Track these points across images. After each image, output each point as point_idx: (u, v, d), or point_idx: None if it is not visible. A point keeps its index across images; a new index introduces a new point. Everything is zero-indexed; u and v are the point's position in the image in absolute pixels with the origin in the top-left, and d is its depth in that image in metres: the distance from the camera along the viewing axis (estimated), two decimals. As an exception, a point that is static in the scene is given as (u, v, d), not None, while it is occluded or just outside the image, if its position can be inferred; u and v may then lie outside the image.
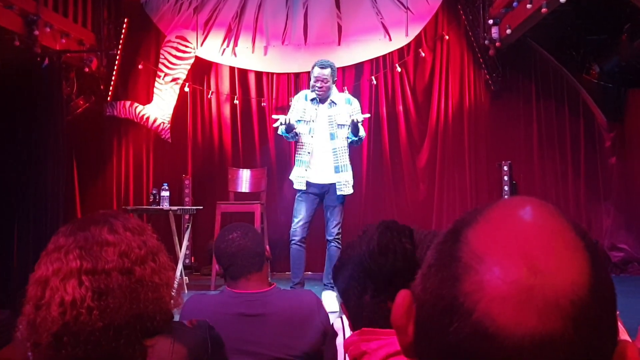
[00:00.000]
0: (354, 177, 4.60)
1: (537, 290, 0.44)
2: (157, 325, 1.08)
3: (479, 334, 0.44)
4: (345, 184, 4.48)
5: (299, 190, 4.52)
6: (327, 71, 4.46)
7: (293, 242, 4.48)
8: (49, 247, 1.06)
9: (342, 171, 4.48)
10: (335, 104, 4.54)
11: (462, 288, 0.46)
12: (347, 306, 1.16)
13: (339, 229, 4.50)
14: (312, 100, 4.53)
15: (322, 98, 4.51)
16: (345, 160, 4.51)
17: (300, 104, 4.58)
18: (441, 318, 0.47)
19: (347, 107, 4.55)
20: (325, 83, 4.46)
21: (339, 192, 4.46)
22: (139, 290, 1.04)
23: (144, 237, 1.10)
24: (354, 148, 4.77)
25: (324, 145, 4.50)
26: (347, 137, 4.50)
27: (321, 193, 4.51)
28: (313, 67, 4.51)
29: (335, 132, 4.50)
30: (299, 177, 4.50)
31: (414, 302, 0.51)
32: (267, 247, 2.09)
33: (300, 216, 4.47)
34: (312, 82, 4.49)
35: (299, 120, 4.51)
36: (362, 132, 4.47)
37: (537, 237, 0.47)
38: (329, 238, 4.51)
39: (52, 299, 1.00)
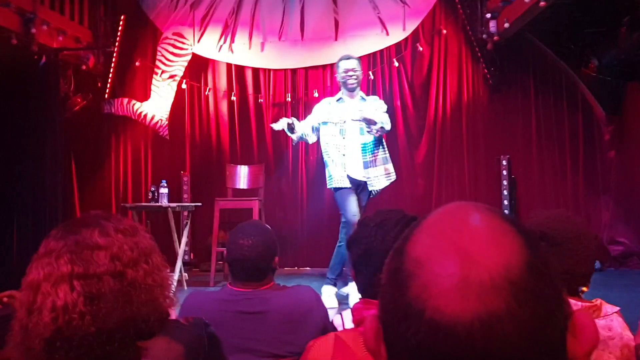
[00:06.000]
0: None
1: (473, 276, 0.48)
2: (152, 327, 1.07)
3: (434, 329, 0.48)
4: (375, 179, 4.43)
5: (340, 188, 4.43)
6: (354, 62, 4.49)
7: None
8: (40, 250, 1.06)
9: (370, 167, 4.43)
10: (365, 99, 4.55)
11: (410, 294, 0.50)
12: (357, 275, 1.47)
13: None
14: (338, 100, 4.51)
15: (351, 91, 4.49)
16: (372, 156, 4.45)
17: (324, 107, 4.54)
18: (400, 327, 0.50)
19: (374, 104, 4.54)
20: (356, 72, 4.48)
21: (370, 188, 4.44)
22: (131, 293, 1.03)
23: (136, 239, 1.09)
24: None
25: (356, 140, 4.45)
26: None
27: (356, 188, 4.49)
28: (338, 64, 4.54)
29: (364, 128, 4.45)
30: (341, 178, 4.42)
31: (380, 325, 0.55)
32: (277, 258, 2.05)
33: (353, 211, 4.36)
34: (341, 75, 4.49)
35: (325, 122, 4.47)
36: (379, 121, 4.33)
37: (466, 230, 0.51)
38: None
39: (44, 304, 0.99)
